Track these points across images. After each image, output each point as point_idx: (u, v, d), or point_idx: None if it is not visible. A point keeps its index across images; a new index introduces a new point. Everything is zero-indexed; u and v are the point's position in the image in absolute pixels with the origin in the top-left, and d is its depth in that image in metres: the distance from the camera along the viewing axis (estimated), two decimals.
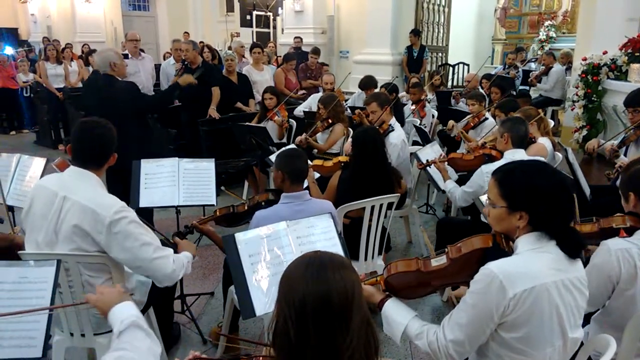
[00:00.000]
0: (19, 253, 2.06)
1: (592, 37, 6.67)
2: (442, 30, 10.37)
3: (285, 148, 3.17)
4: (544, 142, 3.61)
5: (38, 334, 1.73)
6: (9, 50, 11.37)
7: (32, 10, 14.00)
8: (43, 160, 3.30)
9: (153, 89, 6.68)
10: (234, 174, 5.03)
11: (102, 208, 2.00)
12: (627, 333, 1.81)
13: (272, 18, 12.42)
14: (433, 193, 5.10)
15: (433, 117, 6.04)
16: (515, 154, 2.97)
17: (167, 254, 2.13)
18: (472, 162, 3.54)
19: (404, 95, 6.69)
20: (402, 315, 1.68)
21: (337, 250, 2.04)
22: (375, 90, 5.69)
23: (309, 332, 1.06)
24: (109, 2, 13.82)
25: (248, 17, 12.31)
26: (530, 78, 8.20)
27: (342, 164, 3.52)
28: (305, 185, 2.65)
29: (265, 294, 1.90)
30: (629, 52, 6.01)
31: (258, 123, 5.16)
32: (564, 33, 12.28)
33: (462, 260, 1.65)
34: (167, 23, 15.34)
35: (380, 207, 2.94)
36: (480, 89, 6.27)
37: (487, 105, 5.13)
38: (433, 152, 3.87)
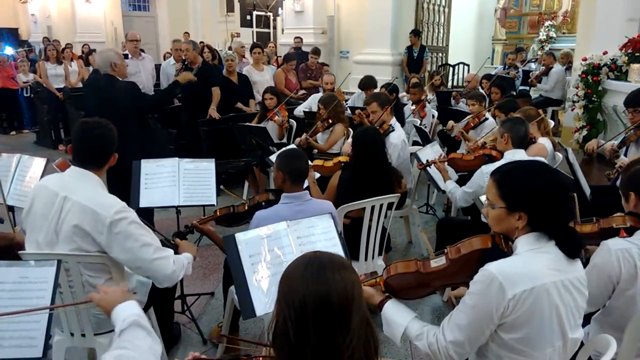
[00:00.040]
0: (20, 253, 2.06)
1: (592, 37, 6.67)
2: (442, 31, 10.37)
3: (286, 148, 3.17)
4: (544, 142, 3.61)
5: (38, 334, 1.73)
6: (9, 51, 11.38)
7: (32, 11, 14.00)
8: (43, 161, 3.30)
9: (153, 89, 6.67)
10: (234, 174, 5.03)
11: (102, 208, 2.00)
12: (627, 333, 1.81)
13: (272, 18, 12.42)
14: (433, 193, 5.10)
15: (433, 117, 6.04)
16: (516, 154, 2.97)
17: (167, 255, 2.13)
18: (472, 162, 3.54)
19: (404, 96, 6.70)
20: (402, 317, 1.68)
21: (337, 251, 2.04)
22: (375, 91, 5.70)
23: (309, 332, 1.06)
24: (109, 2, 13.83)
25: (248, 17, 12.31)
26: (531, 78, 8.21)
27: (342, 164, 3.52)
28: (306, 186, 2.65)
29: (266, 294, 1.90)
30: (629, 52, 6.01)
31: (258, 123, 5.16)
32: (564, 33, 12.28)
33: (461, 261, 1.65)
34: (167, 23, 15.34)
35: (381, 207, 2.94)
36: (481, 89, 6.27)
37: (487, 106, 5.13)
38: (433, 152, 3.87)
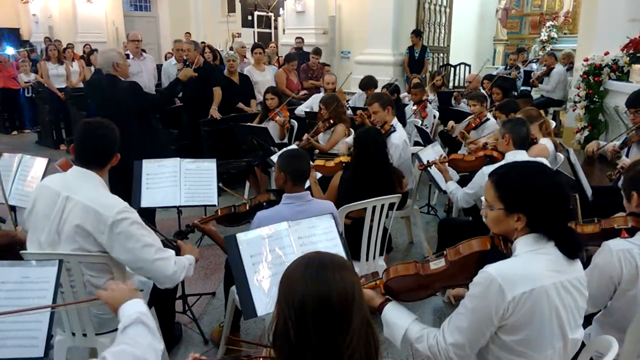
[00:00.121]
0: (21, 253, 2.06)
1: (593, 37, 6.66)
2: (443, 31, 10.36)
3: (287, 149, 3.17)
4: (546, 142, 3.61)
5: (40, 334, 1.73)
6: (10, 51, 11.40)
7: (33, 11, 14.02)
8: (45, 161, 3.30)
9: (155, 89, 6.68)
10: (236, 175, 5.03)
11: (104, 208, 2.00)
12: (629, 334, 1.80)
13: (273, 18, 12.43)
14: (434, 194, 5.10)
15: (434, 117, 6.03)
16: (517, 155, 2.96)
17: (168, 256, 2.13)
18: (473, 163, 3.54)
19: (406, 96, 6.69)
20: (402, 319, 1.68)
21: (338, 251, 2.04)
22: (376, 91, 5.70)
23: (309, 332, 1.06)
24: (111, 2, 13.84)
25: (249, 17, 12.32)
26: (532, 79, 8.20)
27: (343, 165, 3.52)
28: (307, 186, 2.65)
29: (267, 294, 1.90)
30: (631, 52, 6.00)
31: (259, 123, 5.17)
32: (566, 34, 12.27)
33: (460, 263, 1.65)
34: (168, 23, 15.34)
35: (382, 207, 2.94)
36: (482, 90, 6.26)
37: (488, 106, 5.13)
38: (434, 152, 3.86)
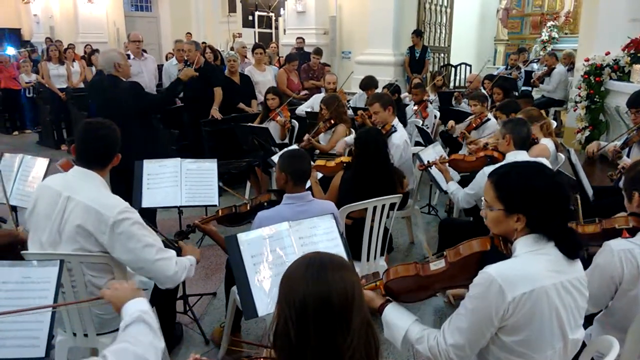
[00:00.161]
0: (22, 253, 2.07)
1: (594, 37, 6.65)
2: (444, 31, 10.35)
3: (288, 149, 3.17)
4: (547, 143, 3.60)
5: (41, 334, 1.73)
6: (11, 51, 11.41)
7: (34, 11, 14.03)
8: (46, 161, 3.31)
9: (156, 90, 6.68)
10: (236, 175, 5.03)
11: (105, 208, 2.01)
12: (630, 334, 1.80)
13: (274, 19, 12.43)
14: (435, 194, 5.10)
15: (435, 117, 6.03)
16: (518, 156, 2.96)
17: (169, 256, 2.13)
18: (474, 163, 3.53)
19: (407, 96, 6.69)
20: (402, 320, 1.68)
21: (339, 251, 2.04)
22: (376, 91, 5.69)
23: (310, 332, 1.06)
24: (112, 2, 13.85)
25: (250, 17, 12.31)
26: (533, 79, 8.20)
27: (344, 165, 3.52)
28: (308, 186, 2.65)
29: (268, 295, 1.90)
30: (632, 52, 5.99)
31: (260, 123, 5.17)
32: (567, 34, 12.27)
33: (460, 264, 1.65)
34: (169, 24, 15.35)
35: (383, 207, 2.93)
36: (483, 90, 6.26)
37: (489, 106, 5.12)
38: (435, 152, 3.86)
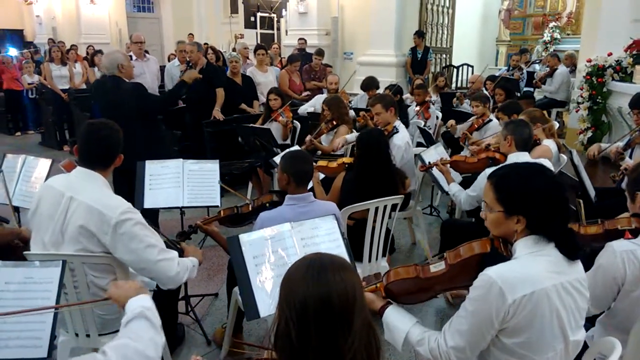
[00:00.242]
0: (25, 253, 2.07)
1: (596, 38, 6.64)
2: (446, 32, 10.36)
3: (290, 150, 3.17)
4: (549, 144, 3.60)
5: (44, 335, 1.73)
6: (13, 52, 11.44)
7: (37, 12, 14.08)
8: (48, 161, 3.31)
9: (158, 91, 6.69)
10: (238, 176, 5.03)
11: (108, 209, 2.01)
12: (632, 335, 1.80)
13: (276, 19, 12.45)
14: (437, 195, 5.09)
15: (437, 118, 6.03)
16: (520, 157, 2.94)
17: (171, 257, 2.13)
18: (475, 165, 3.52)
19: (408, 97, 6.69)
20: (403, 322, 1.68)
21: (341, 252, 2.04)
22: (378, 91, 5.69)
23: (310, 333, 1.06)
24: (114, 3, 13.88)
25: (252, 18, 12.33)
26: (535, 80, 8.19)
27: (346, 165, 3.52)
28: (310, 187, 2.65)
29: (270, 295, 1.90)
30: (634, 53, 5.99)
31: (262, 124, 5.17)
32: (569, 34, 12.26)
33: (460, 265, 1.65)
34: (171, 24, 15.39)
35: (385, 208, 2.93)
36: (485, 91, 6.26)
37: (491, 107, 5.12)
38: (437, 153, 3.85)
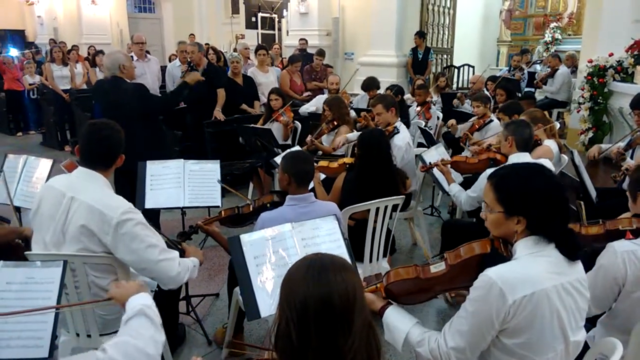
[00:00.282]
0: (26, 254, 2.07)
1: (597, 39, 6.63)
2: (447, 32, 10.35)
3: (291, 150, 3.17)
4: (550, 144, 3.59)
5: (45, 335, 1.73)
6: (14, 52, 11.45)
7: (38, 12, 14.13)
8: (49, 162, 3.31)
9: (159, 91, 6.69)
10: (239, 176, 5.04)
11: (109, 209, 2.01)
12: (633, 336, 1.79)
13: (277, 20, 12.46)
14: (438, 195, 5.09)
15: (438, 119, 6.02)
16: (520, 158, 2.94)
17: (172, 257, 2.13)
18: (476, 165, 3.52)
19: (409, 98, 6.69)
20: (403, 323, 1.68)
21: (342, 252, 2.04)
22: (379, 92, 5.69)
23: (311, 334, 1.06)
24: (115, 4, 13.91)
25: (253, 19, 12.35)
26: (536, 80, 8.18)
27: (347, 166, 3.52)
28: (311, 187, 2.65)
29: (270, 296, 1.90)
30: (635, 54, 5.98)
31: (263, 124, 5.17)
32: (570, 35, 12.24)
33: (460, 266, 1.65)
34: (172, 25, 15.41)
35: (385, 208, 2.93)
36: (486, 91, 6.25)
37: (492, 107, 5.11)
38: (438, 154, 3.85)
